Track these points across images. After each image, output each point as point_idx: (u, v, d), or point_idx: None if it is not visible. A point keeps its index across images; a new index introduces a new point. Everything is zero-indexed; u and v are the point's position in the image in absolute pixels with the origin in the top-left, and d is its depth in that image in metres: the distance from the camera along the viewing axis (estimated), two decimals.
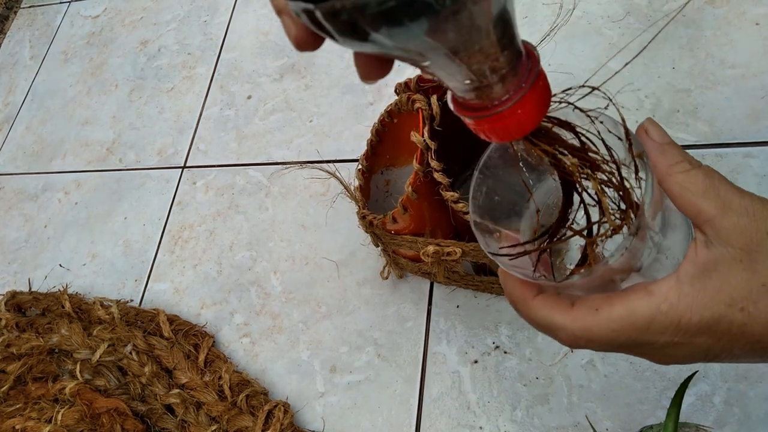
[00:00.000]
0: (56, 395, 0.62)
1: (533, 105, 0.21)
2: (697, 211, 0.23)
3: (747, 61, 0.59)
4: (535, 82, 0.21)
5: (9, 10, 1.13)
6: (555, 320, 0.24)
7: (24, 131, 0.95)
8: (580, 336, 0.24)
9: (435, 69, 0.19)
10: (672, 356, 0.24)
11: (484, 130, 0.22)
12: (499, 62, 0.19)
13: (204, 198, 0.76)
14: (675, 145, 0.25)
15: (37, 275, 0.79)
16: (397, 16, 0.15)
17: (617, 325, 0.23)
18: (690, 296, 0.22)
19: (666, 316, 0.23)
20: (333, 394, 0.57)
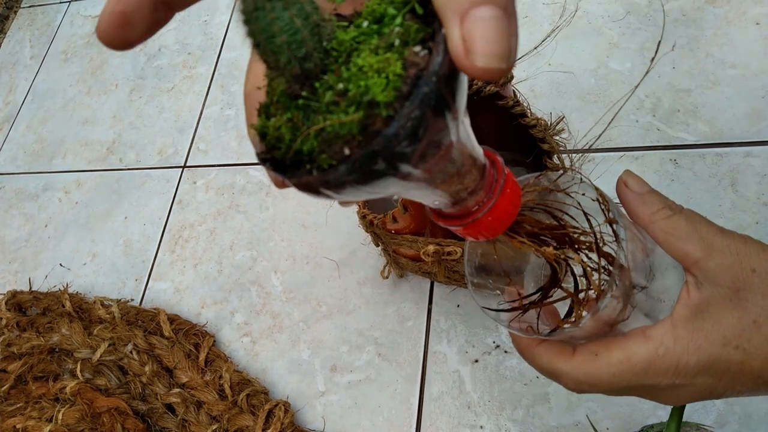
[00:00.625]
0: (57, 394, 0.62)
1: (504, 208, 0.22)
2: (683, 255, 0.24)
3: (747, 61, 0.59)
4: (503, 189, 0.22)
5: (9, 9, 1.13)
6: (557, 367, 0.25)
7: (24, 131, 0.95)
8: (582, 381, 0.25)
9: (408, 197, 0.21)
10: (677, 397, 0.25)
11: (464, 234, 0.24)
12: (464, 183, 0.21)
13: (204, 197, 0.76)
14: (655, 193, 0.26)
15: (38, 275, 0.79)
16: (368, 179, 0.17)
17: (616, 370, 0.24)
18: (685, 339, 0.23)
19: (663, 360, 0.23)
20: (333, 393, 0.57)
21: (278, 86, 0.18)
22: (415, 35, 0.17)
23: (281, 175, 0.17)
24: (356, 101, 0.16)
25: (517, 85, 0.49)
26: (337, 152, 0.16)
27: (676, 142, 0.58)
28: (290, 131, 0.17)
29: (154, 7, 0.19)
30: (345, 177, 0.16)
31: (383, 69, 0.16)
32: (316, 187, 0.17)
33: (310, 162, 0.17)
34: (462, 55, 0.15)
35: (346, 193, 0.17)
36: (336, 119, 0.16)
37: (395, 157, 0.16)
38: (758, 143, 0.55)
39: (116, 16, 0.18)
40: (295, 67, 0.17)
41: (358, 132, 0.16)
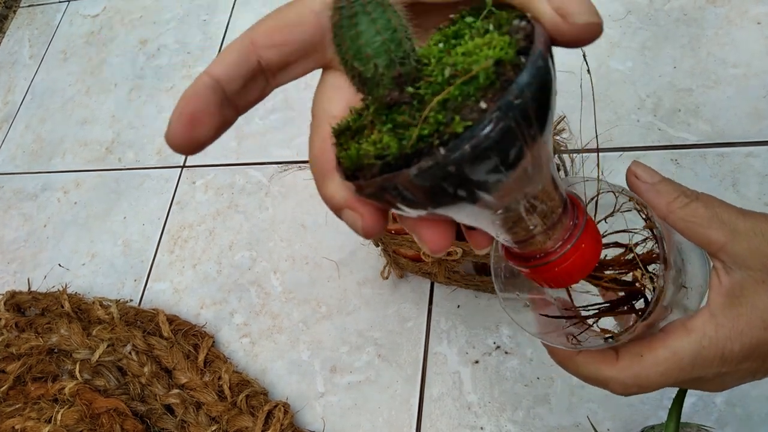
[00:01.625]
0: (56, 395, 0.62)
1: (583, 254, 0.21)
2: (707, 241, 0.24)
3: (748, 61, 0.59)
4: (587, 223, 0.21)
5: (8, 9, 1.13)
6: (603, 374, 0.25)
7: (23, 130, 0.95)
8: (631, 384, 0.24)
9: (500, 221, 0.19)
10: (723, 384, 0.25)
11: (533, 279, 0.22)
12: (555, 201, 0.20)
13: (203, 197, 0.76)
14: (668, 182, 0.25)
15: (37, 275, 0.78)
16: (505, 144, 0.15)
17: (664, 368, 0.24)
18: (726, 327, 0.23)
19: (709, 351, 0.23)
20: (333, 394, 0.57)
21: (367, 111, 0.17)
22: (507, 18, 0.17)
23: (403, 169, 0.16)
24: (477, 63, 0.15)
25: None
26: (472, 110, 0.15)
27: (677, 141, 0.58)
28: (396, 136, 0.16)
29: (221, 106, 0.20)
30: (485, 137, 0.15)
31: (490, 43, 0.16)
32: (446, 170, 0.15)
33: (440, 138, 0.15)
34: (560, 22, 0.17)
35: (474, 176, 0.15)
36: (466, 75, 0.15)
37: (529, 114, 0.15)
38: (760, 143, 0.55)
39: (186, 118, 0.19)
40: (395, 68, 0.16)
41: (493, 80, 0.15)
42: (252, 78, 0.20)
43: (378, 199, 0.17)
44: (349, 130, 0.18)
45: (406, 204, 0.17)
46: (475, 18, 0.17)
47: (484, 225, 0.20)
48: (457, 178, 0.15)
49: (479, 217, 0.18)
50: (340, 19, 0.16)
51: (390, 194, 0.16)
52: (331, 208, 0.20)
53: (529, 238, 0.20)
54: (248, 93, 0.21)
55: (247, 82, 0.20)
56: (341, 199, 0.19)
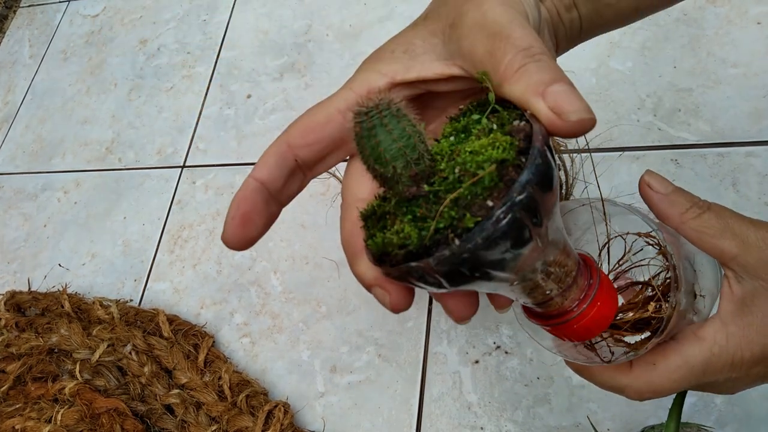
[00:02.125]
0: (56, 395, 0.62)
1: (600, 311, 0.23)
2: (719, 252, 0.25)
3: (748, 60, 0.59)
4: (601, 281, 0.23)
5: (8, 9, 1.13)
6: (619, 382, 0.26)
7: (23, 130, 0.95)
8: (645, 390, 0.25)
9: (518, 290, 0.21)
10: (733, 388, 0.26)
11: (566, 334, 0.24)
12: (568, 266, 0.22)
13: (203, 197, 0.76)
14: (680, 192, 0.26)
15: (37, 275, 0.78)
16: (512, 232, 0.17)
17: (677, 375, 0.24)
18: (737, 336, 0.24)
19: (719, 358, 0.24)
20: (333, 394, 0.57)
21: (389, 202, 0.20)
22: (508, 117, 0.19)
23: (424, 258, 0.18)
24: (482, 166, 0.18)
25: None
26: (480, 207, 0.17)
27: (677, 141, 0.58)
28: (415, 227, 0.18)
29: (267, 204, 0.23)
30: (493, 229, 0.17)
31: (494, 143, 0.18)
32: (461, 258, 0.17)
33: (454, 231, 0.17)
34: (555, 119, 0.19)
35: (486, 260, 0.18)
36: (474, 178, 0.18)
37: (533, 205, 0.17)
38: (759, 143, 0.55)
39: (239, 219, 0.22)
40: (411, 169, 0.19)
41: (496, 182, 0.17)
42: (291, 175, 0.23)
43: (403, 281, 0.20)
44: (375, 215, 0.21)
45: (430, 285, 0.19)
46: (480, 114, 0.20)
47: (503, 292, 0.22)
48: (472, 264, 0.18)
49: (498, 288, 0.21)
50: (361, 130, 0.19)
51: (414, 278, 0.19)
52: (362, 284, 0.22)
53: (547, 300, 0.22)
54: (289, 188, 0.24)
55: (287, 180, 0.23)
56: (371, 279, 0.21)
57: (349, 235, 0.22)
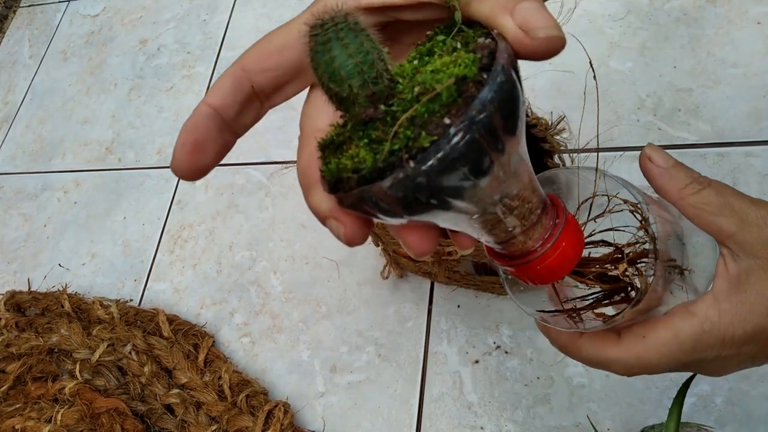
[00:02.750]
0: (56, 395, 0.62)
1: (565, 252, 0.22)
2: (717, 229, 0.24)
3: (748, 60, 0.59)
4: (567, 221, 0.22)
5: (8, 9, 1.13)
6: (606, 355, 0.25)
7: (23, 130, 0.95)
8: (633, 365, 0.25)
9: (479, 225, 0.20)
10: (723, 368, 0.25)
11: (518, 277, 0.23)
12: (533, 203, 0.21)
13: (203, 197, 0.76)
14: (681, 167, 0.26)
15: (37, 275, 0.78)
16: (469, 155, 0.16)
17: (666, 349, 0.24)
18: (729, 312, 0.23)
19: (710, 335, 0.23)
20: (333, 394, 0.57)
21: (347, 127, 0.19)
22: (473, 35, 0.18)
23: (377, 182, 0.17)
24: (441, 82, 0.16)
25: None
26: (437, 125, 0.16)
27: (677, 141, 0.58)
28: (371, 151, 0.17)
29: (220, 132, 0.21)
30: (450, 150, 0.16)
31: (456, 60, 0.17)
32: (416, 181, 0.16)
33: (408, 151, 0.16)
34: (523, 37, 0.18)
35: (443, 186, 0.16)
36: (431, 93, 0.16)
37: (494, 127, 0.16)
38: (759, 143, 0.55)
39: (189, 147, 0.21)
40: (368, 88, 0.17)
41: (455, 98, 0.16)
42: (247, 102, 0.22)
43: (357, 209, 0.18)
44: (333, 144, 0.19)
45: (384, 214, 0.18)
46: (446, 36, 0.19)
47: (464, 228, 0.21)
48: (428, 189, 0.17)
49: (457, 221, 0.19)
50: (315, 45, 0.18)
51: (368, 205, 0.18)
52: (316, 217, 0.21)
53: (509, 239, 0.21)
54: (244, 117, 0.22)
55: (242, 107, 0.22)
56: (325, 210, 0.20)
57: (306, 166, 0.21)
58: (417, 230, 0.20)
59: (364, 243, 0.21)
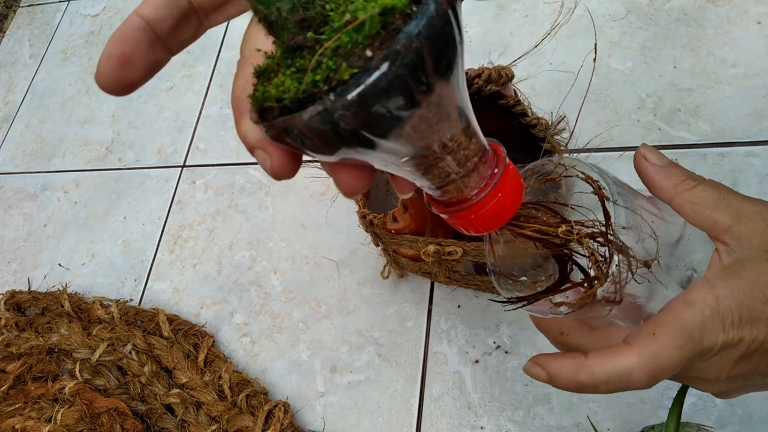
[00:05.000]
0: (56, 395, 0.62)
1: (501, 201, 0.21)
2: (712, 223, 0.24)
3: (749, 60, 0.59)
4: (505, 171, 0.21)
5: (8, 8, 1.13)
6: (622, 365, 0.23)
7: (23, 130, 0.95)
8: (654, 367, 0.23)
9: (411, 167, 0.19)
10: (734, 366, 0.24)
11: (454, 224, 0.22)
12: (469, 150, 0.20)
13: (203, 197, 0.76)
14: (676, 165, 0.26)
15: (37, 274, 0.78)
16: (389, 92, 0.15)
17: (680, 341, 0.23)
18: (727, 298, 0.23)
19: (713, 322, 0.23)
20: (333, 394, 0.57)
21: (276, 54, 0.17)
22: None
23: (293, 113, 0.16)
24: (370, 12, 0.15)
25: (517, 85, 0.49)
26: (359, 57, 0.15)
27: (677, 141, 0.58)
28: (296, 80, 0.16)
29: (152, 47, 0.20)
30: (370, 84, 0.15)
31: None
32: (334, 115, 0.15)
33: (328, 83, 0.15)
34: None
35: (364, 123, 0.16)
36: (354, 23, 0.15)
37: (420, 64, 0.15)
38: (759, 143, 0.55)
39: (116, 59, 0.19)
40: (298, 13, 0.16)
41: (379, 29, 0.15)
42: (184, 18, 0.20)
43: (280, 141, 0.17)
44: (266, 72, 0.18)
45: (308, 148, 0.17)
46: None
47: (396, 171, 0.20)
48: (348, 124, 0.16)
49: (387, 163, 0.19)
50: None
51: (291, 137, 0.17)
52: (246, 146, 0.20)
53: (445, 185, 0.21)
54: (180, 34, 0.21)
55: (178, 23, 0.20)
56: (253, 140, 0.19)
57: (240, 92, 0.19)
58: (349, 168, 0.19)
59: (292, 177, 0.20)
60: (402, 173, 0.20)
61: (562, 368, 0.24)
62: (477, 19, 0.73)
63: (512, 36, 0.70)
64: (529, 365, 0.26)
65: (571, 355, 0.25)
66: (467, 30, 0.73)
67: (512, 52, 0.68)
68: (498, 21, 0.72)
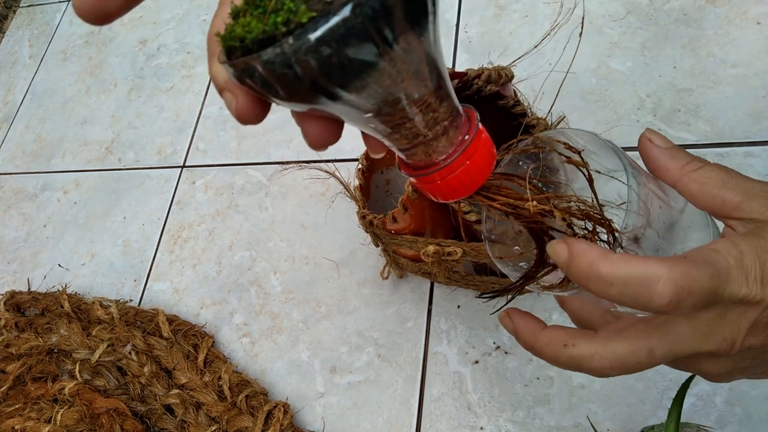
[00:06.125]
0: (55, 395, 0.62)
1: (469, 169, 0.21)
2: (721, 202, 0.24)
3: (748, 61, 0.59)
4: (476, 138, 0.21)
5: (8, 9, 1.13)
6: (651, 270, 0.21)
7: (23, 130, 0.95)
8: (682, 284, 0.20)
9: (376, 125, 0.19)
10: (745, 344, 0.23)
11: (431, 189, 0.22)
12: (439, 113, 0.19)
13: (203, 197, 0.76)
14: (681, 149, 0.25)
15: (36, 275, 0.78)
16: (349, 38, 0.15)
17: (710, 272, 0.21)
18: (750, 254, 0.22)
19: (737, 270, 0.22)
20: (333, 394, 0.57)
21: None
22: None
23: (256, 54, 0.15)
24: None
25: (517, 85, 0.49)
26: (319, 1, 0.15)
27: (677, 141, 0.58)
28: (261, 21, 0.16)
29: None
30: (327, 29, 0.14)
31: None
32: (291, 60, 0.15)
33: (287, 26, 0.15)
34: None
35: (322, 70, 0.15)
36: None
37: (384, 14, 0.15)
38: (759, 143, 0.55)
39: None
40: None
41: None
42: None
43: (243, 83, 0.17)
44: (240, 12, 0.18)
45: (270, 93, 0.17)
46: None
47: (362, 127, 0.19)
48: (305, 70, 0.15)
49: (351, 116, 0.18)
50: None
51: (251, 80, 0.16)
52: (216, 87, 0.20)
53: (412, 147, 0.20)
54: None
55: None
56: (221, 80, 0.19)
57: (215, 33, 0.19)
58: (317, 120, 0.19)
59: (258, 123, 0.20)
60: (369, 130, 0.20)
61: (586, 251, 0.22)
62: (477, 19, 0.73)
63: (512, 36, 0.70)
64: (555, 242, 0.23)
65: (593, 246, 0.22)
66: (467, 30, 0.73)
67: (512, 52, 0.68)
68: (498, 21, 0.72)
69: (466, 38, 0.72)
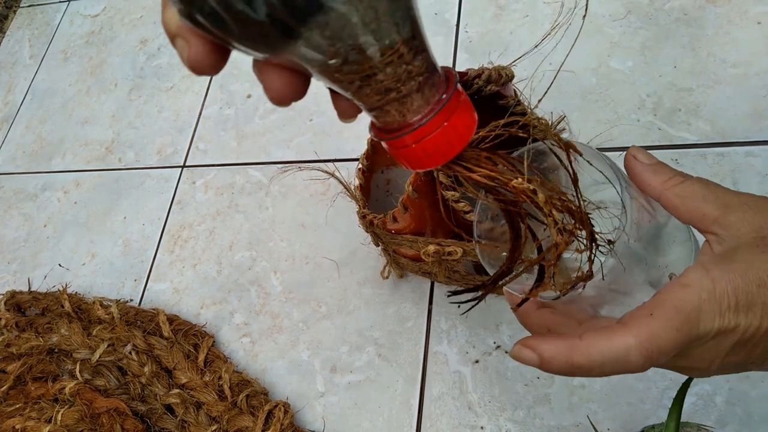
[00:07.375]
0: (56, 395, 0.62)
1: (454, 123, 0.19)
2: (701, 216, 0.24)
3: (749, 60, 0.59)
4: (454, 97, 0.19)
5: (8, 9, 1.13)
6: (619, 345, 0.22)
7: (23, 130, 0.95)
8: (651, 348, 0.22)
9: (343, 76, 0.18)
10: (722, 351, 0.23)
11: (405, 155, 0.20)
12: (412, 67, 0.18)
13: (203, 197, 0.76)
14: (664, 164, 0.26)
15: (37, 275, 0.78)
16: None
17: (677, 322, 0.22)
18: (722, 280, 0.22)
19: (710, 304, 0.22)
20: (333, 394, 0.57)
21: None
22: None
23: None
24: None
25: (517, 85, 0.49)
26: None
27: (677, 141, 0.58)
28: None
29: None
30: None
31: None
32: None
33: None
34: None
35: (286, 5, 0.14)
36: None
37: None
38: (759, 143, 0.55)
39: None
40: None
41: None
42: None
43: (194, 22, 0.16)
44: None
45: (224, 32, 0.16)
46: None
47: (331, 83, 0.18)
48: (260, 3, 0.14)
49: (314, 63, 0.17)
50: None
51: (201, 15, 0.15)
52: (168, 35, 0.19)
53: (384, 104, 0.19)
54: None
55: None
56: (173, 27, 0.18)
57: None
58: (279, 70, 0.18)
59: (214, 73, 0.18)
60: (337, 86, 0.18)
61: (555, 350, 0.23)
62: (477, 19, 0.73)
63: (512, 36, 0.70)
64: (518, 348, 0.25)
65: (564, 336, 0.24)
66: (467, 30, 0.73)
67: (512, 52, 0.68)
68: (498, 21, 0.72)
69: (466, 38, 0.72)
